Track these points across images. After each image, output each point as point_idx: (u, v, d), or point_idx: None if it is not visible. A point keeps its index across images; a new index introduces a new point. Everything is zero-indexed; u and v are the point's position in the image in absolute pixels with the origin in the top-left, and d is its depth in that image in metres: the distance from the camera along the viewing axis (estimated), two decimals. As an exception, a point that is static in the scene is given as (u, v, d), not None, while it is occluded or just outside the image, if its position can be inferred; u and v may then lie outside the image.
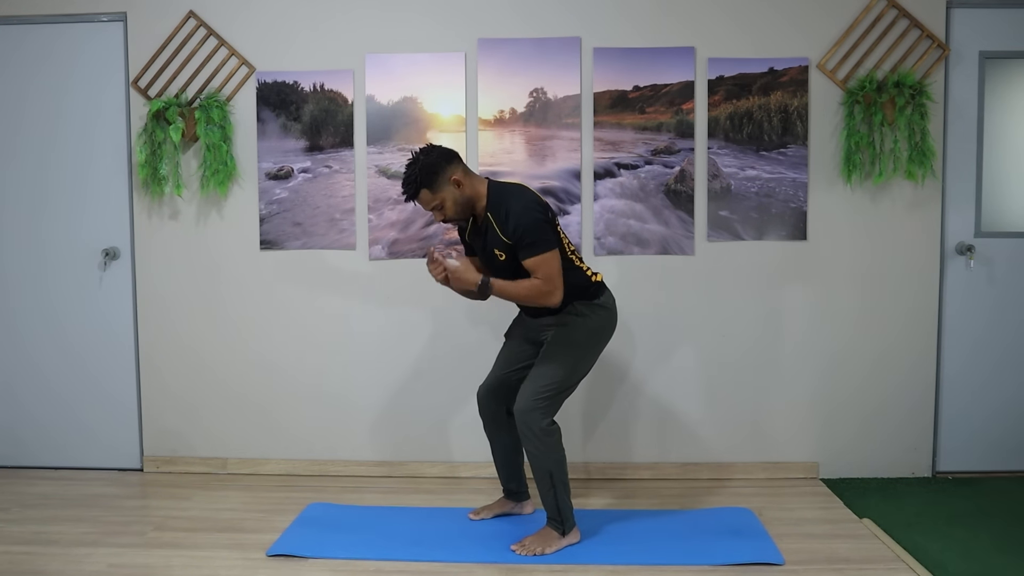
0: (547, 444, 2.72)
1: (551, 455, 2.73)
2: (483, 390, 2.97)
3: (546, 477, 2.74)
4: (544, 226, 2.64)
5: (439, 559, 2.72)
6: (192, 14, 3.51)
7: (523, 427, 2.72)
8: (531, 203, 2.66)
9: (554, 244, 2.65)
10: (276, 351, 3.60)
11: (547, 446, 2.72)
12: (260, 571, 2.65)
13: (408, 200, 2.70)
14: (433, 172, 2.65)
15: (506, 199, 2.67)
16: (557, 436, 2.75)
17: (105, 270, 3.64)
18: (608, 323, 2.83)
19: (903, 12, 3.40)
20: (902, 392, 3.53)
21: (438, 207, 2.68)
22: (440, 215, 2.71)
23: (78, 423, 3.68)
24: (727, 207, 3.48)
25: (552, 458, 2.73)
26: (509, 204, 2.65)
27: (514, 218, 2.61)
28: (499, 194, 2.70)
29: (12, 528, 3.01)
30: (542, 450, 2.72)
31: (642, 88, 3.47)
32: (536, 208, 2.65)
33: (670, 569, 2.64)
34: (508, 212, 2.63)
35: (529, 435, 2.71)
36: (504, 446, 2.99)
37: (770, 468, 3.54)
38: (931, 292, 3.51)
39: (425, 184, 2.65)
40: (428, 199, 2.67)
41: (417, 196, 2.68)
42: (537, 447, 2.72)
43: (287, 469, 3.62)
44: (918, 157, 3.37)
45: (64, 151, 3.60)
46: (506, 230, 2.63)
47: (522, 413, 2.71)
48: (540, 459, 2.73)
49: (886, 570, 2.62)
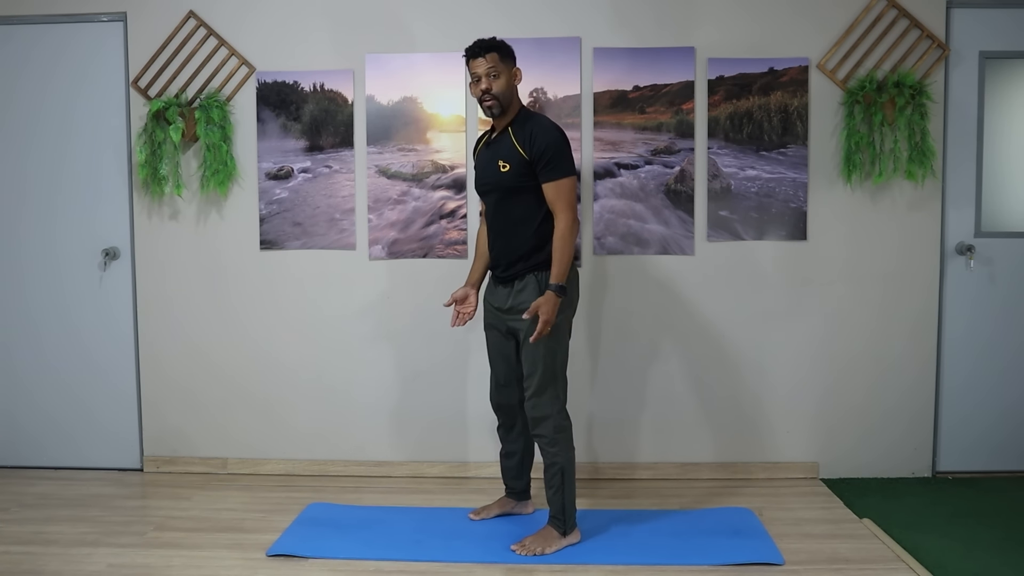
0: (562, 442, 2.75)
1: (564, 453, 2.75)
2: (493, 402, 2.99)
3: (557, 475, 2.75)
4: (569, 152, 2.72)
5: (439, 559, 2.72)
6: (192, 14, 3.51)
7: (537, 425, 2.74)
8: (559, 129, 2.75)
9: (575, 171, 2.72)
10: (276, 351, 3.60)
11: (562, 444, 2.75)
12: (260, 571, 2.65)
13: (472, 55, 2.72)
14: (509, 50, 2.77)
15: (535, 119, 2.76)
16: (570, 432, 2.78)
17: (105, 270, 3.64)
18: (572, 300, 2.80)
19: (903, 12, 3.40)
20: (902, 392, 3.53)
21: (493, 75, 2.71)
22: (487, 83, 2.71)
23: (78, 423, 3.68)
24: (727, 207, 3.48)
25: (565, 456, 2.75)
26: (538, 122, 2.74)
27: (542, 136, 2.68)
28: (529, 115, 2.79)
29: (12, 528, 3.01)
30: (557, 448, 2.74)
31: (642, 88, 3.47)
32: (563, 134, 2.75)
33: (670, 569, 2.64)
34: (535, 130, 2.70)
35: (546, 437, 2.73)
36: (521, 447, 3.00)
37: (770, 468, 3.54)
38: (931, 292, 3.51)
39: (499, 51, 2.72)
40: (492, 62, 2.71)
41: (486, 53, 2.71)
42: (554, 445, 2.74)
43: (287, 469, 3.62)
44: (918, 157, 3.37)
45: (64, 151, 3.60)
46: (527, 146, 2.68)
47: (535, 421, 2.74)
48: (555, 457, 2.74)
49: (886, 570, 2.62)
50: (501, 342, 2.90)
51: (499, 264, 2.82)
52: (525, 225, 2.73)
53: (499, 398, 2.96)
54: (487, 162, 2.81)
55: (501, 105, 2.73)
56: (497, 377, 2.95)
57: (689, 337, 3.52)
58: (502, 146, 2.76)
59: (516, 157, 2.70)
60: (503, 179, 2.73)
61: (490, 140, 2.85)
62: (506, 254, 2.78)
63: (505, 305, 2.80)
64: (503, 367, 2.92)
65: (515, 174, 2.71)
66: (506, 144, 2.74)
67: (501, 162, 2.73)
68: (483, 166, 2.85)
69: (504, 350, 2.90)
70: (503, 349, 2.90)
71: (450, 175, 3.51)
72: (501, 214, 2.79)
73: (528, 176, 2.70)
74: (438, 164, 3.52)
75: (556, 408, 2.74)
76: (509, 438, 3.01)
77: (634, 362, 3.53)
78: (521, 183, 2.71)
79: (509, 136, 2.74)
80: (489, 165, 2.80)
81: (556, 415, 2.74)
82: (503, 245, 2.79)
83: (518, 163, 2.70)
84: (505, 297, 2.80)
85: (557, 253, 2.66)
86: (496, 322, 2.88)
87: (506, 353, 2.90)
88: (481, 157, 2.88)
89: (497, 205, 2.79)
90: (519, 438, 2.99)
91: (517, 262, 2.75)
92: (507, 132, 2.76)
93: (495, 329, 2.90)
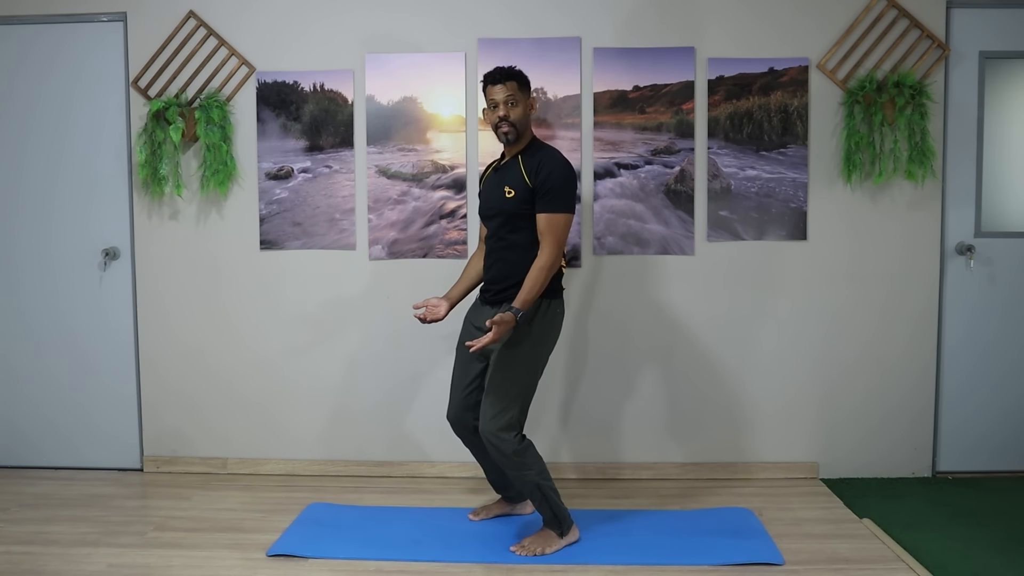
0: (523, 462, 2.70)
1: (530, 470, 2.71)
2: (451, 418, 2.94)
3: (534, 491, 2.74)
4: (573, 189, 2.73)
5: (439, 559, 2.72)
6: (192, 14, 3.51)
7: (494, 451, 2.70)
8: (568, 165, 2.77)
9: (573, 209, 2.73)
10: (276, 351, 3.60)
11: (523, 463, 2.70)
12: (260, 571, 2.65)
13: (492, 82, 2.75)
14: (527, 81, 2.80)
15: (545, 151, 2.78)
16: (531, 449, 2.73)
17: (105, 270, 3.64)
18: (554, 330, 2.80)
19: (903, 12, 3.40)
20: (902, 392, 3.53)
21: (512, 103, 2.73)
22: (505, 111, 2.72)
23: (78, 423, 3.68)
24: (727, 207, 3.48)
25: (533, 471, 2.71)
26: (548, 153, 2.76)
27: (549, 166, 2.70)
28: (539, 146, 2.81)
29: (12, 528, 3.01)
30: (520, 468, 2.70)
31: (642, 88, 3.47)
32: (572, 171, 2.76)
33: (670, 569, 2.64)
34: (543, 160, 2.72)
35: (503, 458, 2.69)
36: (490, 462, 2.96)
37: (770, 468, 3.54)
38: (931, 292, 3.51)
39: (518, 80, 2.75)
40: (511, 90, 2.73)
41: (506, 81, 2.73)
42: (514, 466, 2.70)
43: (287, 469, 3.62)
44: (918, 157, 3.37)
45: (64, 151, 3.60)
46: (533, 175, 2.69)
47: (489, 437, 2.68)
48: (523, 477, 2.72)
49: (886, 570, 2.62)
50: (472, 362, 2.85)
51: (491, 287, 2.83)
52: (523, 252, 2.73)
53: (457, 415, 2.91)
54: (493, 187, 2.82)
55: (517, 132, 2.75)
56: (455, 395, 2.91)
57: (689, 337, 3.52)
58: (510, 173, 2.77)
59: (522, 184, 2.71)
60: (507, 205, 2.74)
61: (499, 166, 2.86)
62: (501, 278, 2.78)
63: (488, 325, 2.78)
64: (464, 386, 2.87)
65: (519, 201, 2.71)
66: (514, 171, 2.76)
67: (507, 188, 2.74)
68: (489, 191, 2.85)
69: (472, 369, 2.85)
70: (471, 368, 2.85)
71: (450, 175, 3.51)
72: (502, 239, 2.78)
73: (531, 204, 2.71)
74: (438, 164, 3.52)
75: (510, 435, 2.67)
76: (479, 454, 2.97)
77: (634, 362, 3.53)
78: (524, 210, 2.72)
79: (518, 164, 2.76)
80: (495, 190, 2.80)
81: (511, 440, 2.67)
82: (500, 268, 2.79)
83: (523, 190, 2.71)
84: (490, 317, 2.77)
85: (529, 282, 2.64)
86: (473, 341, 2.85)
87: (473, 373, 2.85)
88: (488, 183, 2.89)
89: (499, 230, 2.80)
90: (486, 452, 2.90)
91: (510, 287, 2.74)
92: (516, 159, 2.78)
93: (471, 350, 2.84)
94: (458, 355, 2.93)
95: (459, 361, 2.92)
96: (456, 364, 2.94)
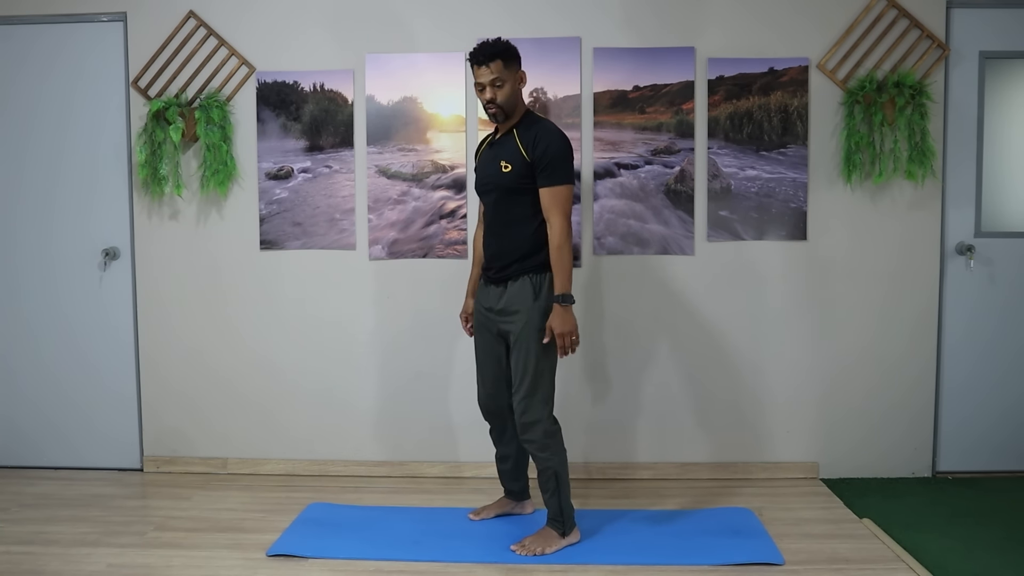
0: (553, 446, 2.74)
1: (556, 456, 2.74)
2: (483, 406, 2.97)
3: (551, 479, 2.75)
4: (571, 161, 2.72)
5: (439, 559, 2.72)
6: (192, 14, 3.51)
7: (526, 432, 2.73)
8: (564, 136, 2.74)
9: (572, 180, 2.72)
10: (276, 351, 3.60)
11: (553, 448, 2.74)
12: (260, 571, 2.65)
13: (476, 63, 2.69)
14: (515, 54, 2.72)
15: (541, 124, 2.75)
16: (560, 435, 2.77)
17: (105, 270, 3.64)
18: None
19: (903, 12, 3.40)
20: (902, 392, 3.53)
21: (498, 84, 2.69)
22: (491, 93, 2.69)
23: (79, 423, 3.68)
24: (727, 207, 3.48)
25: (558, 459, 2.75)
26: (544, 126, 2.73)
27: (546, 139, 2.68)
28: (534, 119, 2.78)
29: (12, 528, 3.01)
30: (549, 453, 2.73)
31: (642, 88, 3.47)
32: (568, 141, 2.74)
33: (670, 569, 2.64)
34: (540, 133, 2.69)
35: (536, 442, 2.72)
36: (514, 451, 2.99)
37: (770, 468, 3.54)
38: (931, 292, 3.51)
39: (504, 57, 2.68)
40: (496, 72, 2.67)
41: (490, 62, 2.67)
42: (545, 450, 2.73)
43: (287, 469, 3.62)
44: (918, 157, 3.37)
45: (64, 151, 3.60)
46: (531, 148, 2.68)
47: (524, 427, 2.73)
48: (547, 462, 2.73)
49: (886, 570, 2.62)
50: (491, 344, 2.87)
51: (493, 264, 2.81)
52: (522, 226, 2.73)
53: (488, 402, 2.94)
54: (489, 162, 2.81)
55: (505, 113, 2.73)
56: (485, 380, 2.92)
57: (689, 337, 3.52)
58: (506, 147, 2.75)
59: (519, 158, 2.70)
60: (504, 179, 2.73)
61: (493, 140, 2.85)
62: (501, 255, 2.77)
63: (497, 306, 2.79)
64: (492, 370, 2.89)
65: (516, 175, 2.70)
66: (510, 145, 2.74)
67: (503, 162, 2.73)
68: (485, 165, 2.84)
69: (494, 352, 2.87)
70: (493, 351, 2.88)
71: (450, 175, 3.51)
72: (499, 214, 2.78)
73: (529, 178, 2.70)
74: (438, 164, 3.52)
75: (545, 412, 2.72)
76: (502, 442, 3.00)
77: (634, 362, 3.53)
78: (521, 184, 2.71)
79: (514, 137, 2.74)
80: (491, 165, 2.79)
81: (545, 419, 2.72)
82: (499, 245, 2.78)
83: (520, 164, 2.70)
84: (497, 298, 2.78)
85: (557, 263, 2.64)
86: (487, 323, 2.86)
87: (496, 355, 2.87)
88: (483, 157, 2.88)
89: (496, 205, 2.79)
90: (512, 441, 2.98)
91: (512, 263, 2.74)
92: (512, 133, 2.76)
93: (485, 330, 2.88)
94: (478, 340, 2.93)
95: (480, 346, 2.93)
96: (477, 349, 2.94)
